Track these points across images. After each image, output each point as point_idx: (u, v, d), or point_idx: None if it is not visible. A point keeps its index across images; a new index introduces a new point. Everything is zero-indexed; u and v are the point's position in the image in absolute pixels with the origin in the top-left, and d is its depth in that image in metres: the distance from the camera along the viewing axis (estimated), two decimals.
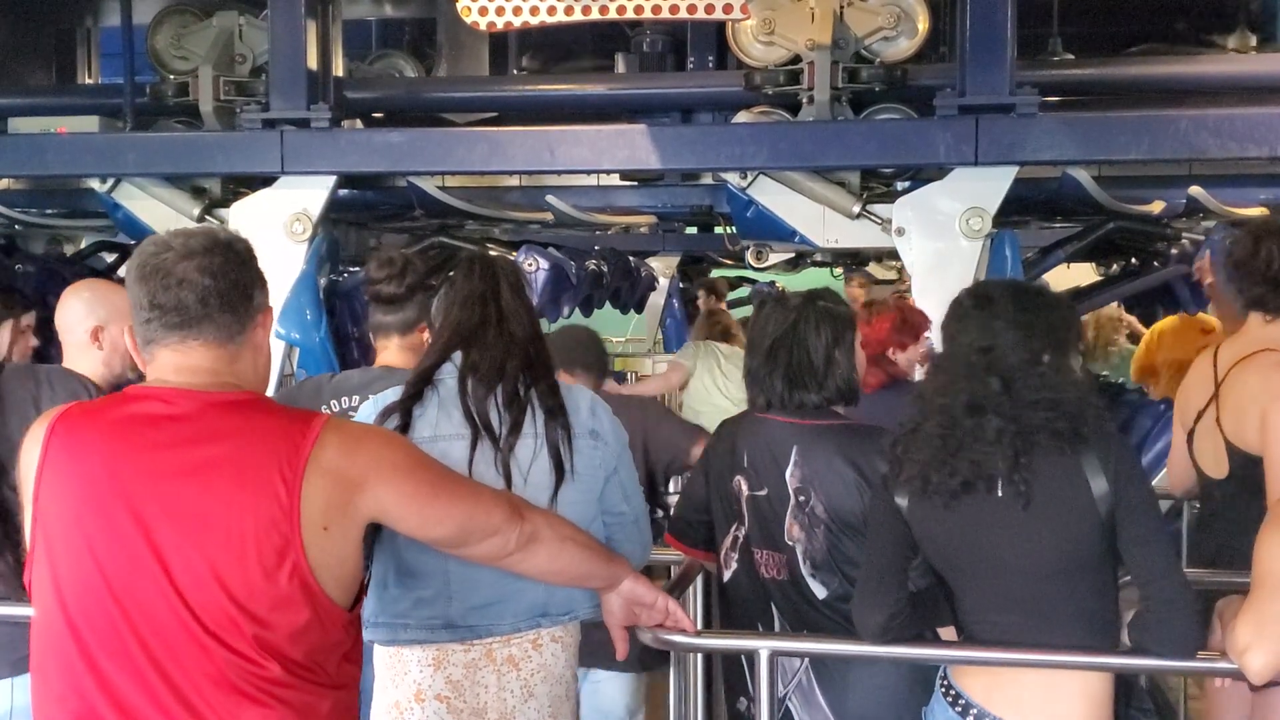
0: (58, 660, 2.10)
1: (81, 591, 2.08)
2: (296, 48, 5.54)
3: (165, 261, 2.15)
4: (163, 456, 2.08)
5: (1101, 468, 2.53)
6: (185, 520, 2.05)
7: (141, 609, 2.05)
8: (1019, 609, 2.60)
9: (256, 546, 2.04)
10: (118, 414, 2.15)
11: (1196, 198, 5.96)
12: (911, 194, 5.21)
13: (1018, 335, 2.64)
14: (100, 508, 2.07)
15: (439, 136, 5.82)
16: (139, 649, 2.05)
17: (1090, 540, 2.54)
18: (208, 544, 2.04)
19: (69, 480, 2.10)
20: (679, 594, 3.05)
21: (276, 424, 2.14)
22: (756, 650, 2.77)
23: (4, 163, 6.17)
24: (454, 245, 7.40)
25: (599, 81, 6.88)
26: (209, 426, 2.10)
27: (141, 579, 2.05)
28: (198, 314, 2.15)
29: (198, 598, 2.04)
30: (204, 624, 2.04)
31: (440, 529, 2.29)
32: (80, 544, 2.08)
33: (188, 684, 2.04)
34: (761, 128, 5.51)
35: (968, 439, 2.57)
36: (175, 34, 6.33)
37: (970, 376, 2.61)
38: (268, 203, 5.57)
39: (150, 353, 2.19)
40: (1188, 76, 6.09)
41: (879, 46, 5.46)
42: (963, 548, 2.65)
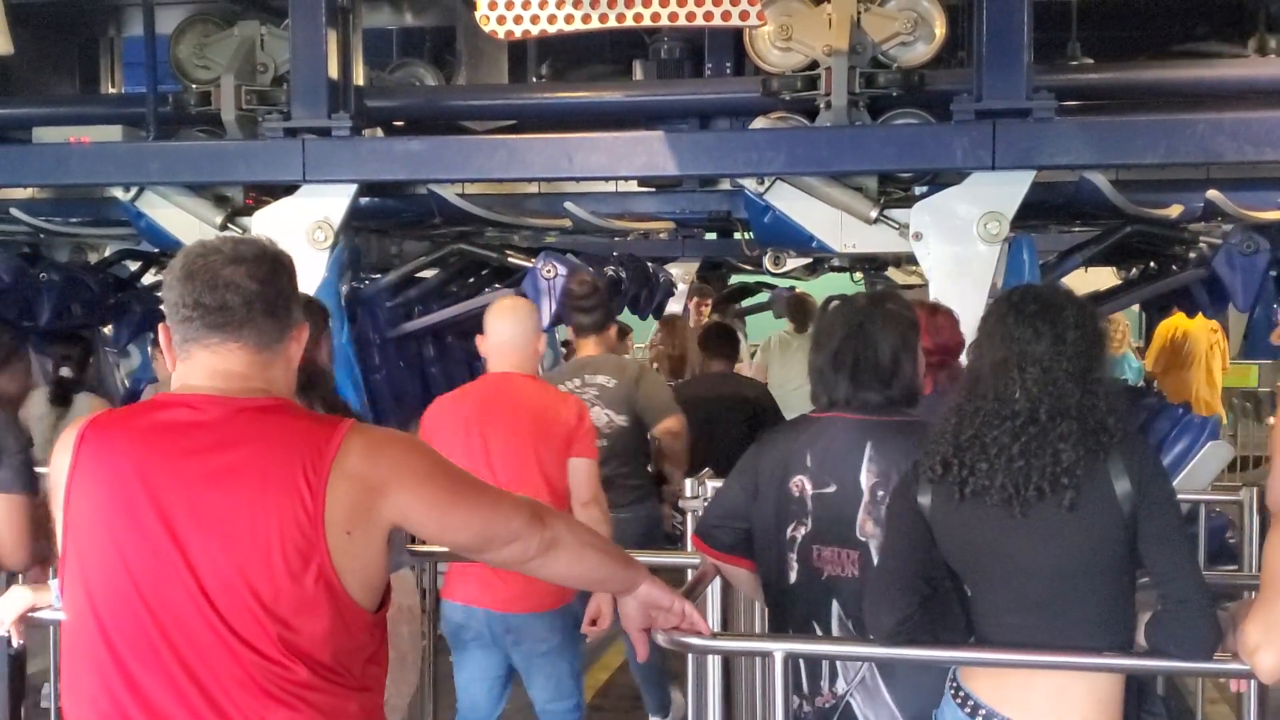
0: (88, 663, 2.12)
1: (111, 595, 2.10)
2: (318, 57, 5.59)
3: (213, 264, 2.18)
4: (191, 462, 2.10)
5: (1125, 468, 2.57)
6: (212, 525, 2.08)
7: (170, 613, 2.07)
8: (1036, 610, 2.63)
9: (282, 550, 2.07)
10: (147, 421, 2.17)
11: (1214, 201, 5.96)
12: (929, 199, 5.22)
13: (1086, 344, 2.68)
14: (130, 513, 2.10)
15: (459, 144, 5.86)
16: (168, 652, 2.07)
17: (1113, 541, 2.57)
18: (234, 548, 2.07)
19: (99, 486, 2.13)
20: (695, 597, 3.06)
21: (302, 429, 2.16)
22: (771, 652, 2.78)
23: (29, 172, 6.25)
24: (474, 252, 7.45)
25: (617, 89, 6.91)
26: (236, 432, 2.13)
27: (170, 583, 2.07)
28: (241, 317, 2.17)
29: (225, 601, 2.06)
30: (231, 627, 2.06)
31: (461, 535, 2.30)
32: (110, 549, 2.11)
33: (216, 686, 2.06)
34: (779, 133, 5.54)
35: (1043, 445, 2.60)
36: (197, 44, 6.39)
37: (1054, 384, 2.64)
38: (290, 211, 5.62)
39: (186, 351, 2.20)
40: (1205, 81, 6.10)
41: (896, 52, 5.48)
42: (985, 548, 2.68)
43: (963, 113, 5.06)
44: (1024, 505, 2.60)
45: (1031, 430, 2.62)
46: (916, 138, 5.29)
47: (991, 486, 2.63)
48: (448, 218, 6.70)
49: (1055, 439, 2.60)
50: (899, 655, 2.84)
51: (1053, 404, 2.63)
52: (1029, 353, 2.67)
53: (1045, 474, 2.59)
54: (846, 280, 11.12)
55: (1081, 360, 2.66)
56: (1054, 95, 5.07)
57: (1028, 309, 2.74)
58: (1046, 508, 2.60)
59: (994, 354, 2.73)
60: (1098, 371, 2.68)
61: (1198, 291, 6.74)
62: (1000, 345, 2.72)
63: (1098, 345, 2.71)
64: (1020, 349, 2.69)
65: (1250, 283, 5.95)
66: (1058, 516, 2.58)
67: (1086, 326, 2.70)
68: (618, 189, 6.84)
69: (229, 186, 5.98)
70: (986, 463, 2.64)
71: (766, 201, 5.48)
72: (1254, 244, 5.93)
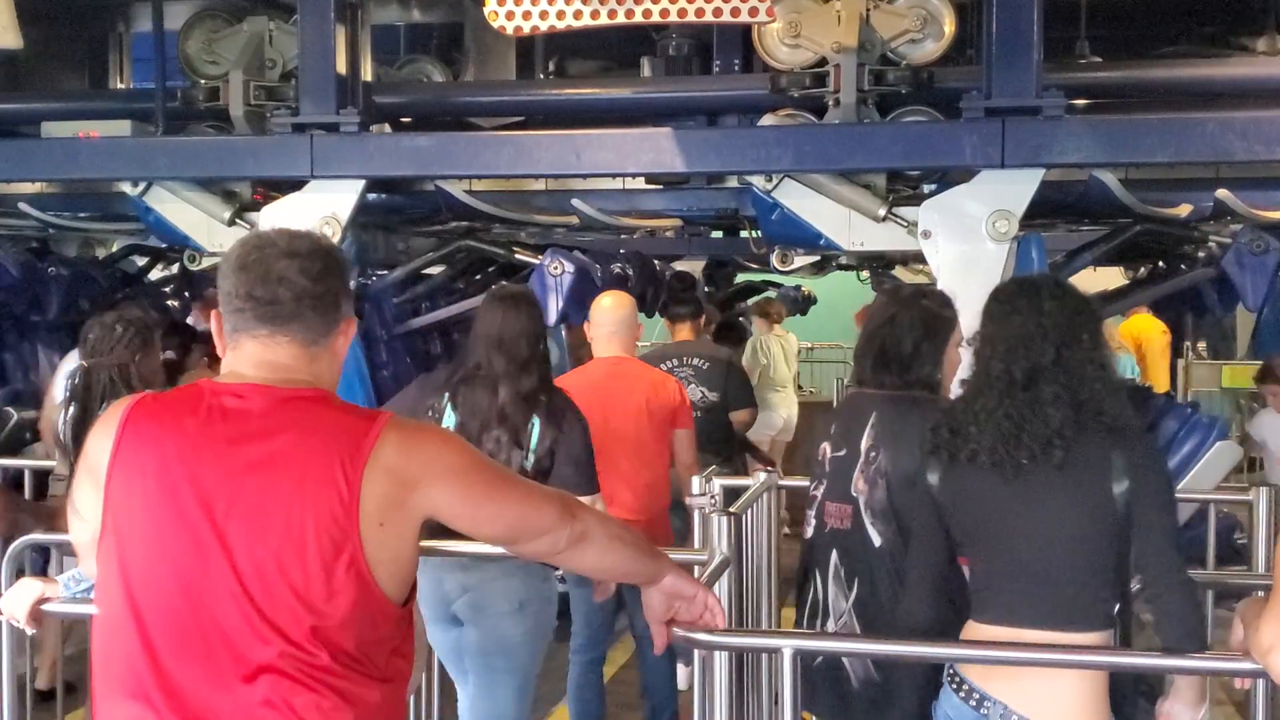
0: (120, 641, 2.17)
1: (147, 575, 2.15)
2: (326, 53, 5.59)
3: (267, 257, 2.24)
4: (232, 449, 2.15)
5: (1127, 467, 2.78)
6: (250, 511, 2.12)
7: (204, 594, 2.12)
8: (1029, 576, 2.83)
9: (316, 538, 2.11)
10: (191, 406, 2.21)
11: (1224, 201, 5.93)
12: (938, 197, 5.21)
13: (1063, 315, 2.90)
14: (170, 496, 2.14)
15: (466, 141, 5.86)
16: (197, 633, 2.12)
17: (1103, 519, 2.79)
18: (270, 534, 2.11)
19: (142, 469, 2.17)
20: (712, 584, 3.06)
21: (341, 420, 2.21)
22: (780, 649, 2.78)
23: (37, 166, 6.25)
24: (481, 249, 7.44)
25: (625, 85, 6.91)
26: (277, 421, 2.18)
27: (205, 565, 2.12)
28: (290, 311, 2.23)
29: (258, 586, 2.11)
30: (262, 612, 2.11)
31: (492, 528, 2.36)
32: (149, 530, 2.15)
33: (244, 669, 2.11)
34: (787, 130, 5.52)
35: (1026, 411, 2.83)
36: (206, 39, 6.39)
37: (1027, 349, 2.87)
38: (297, 206, 5.61)
39: (236, 340, 2.26)
40: (1215, 79, 6.08)
41: (905, 49, 5.46)
42: (983, 514, 2.91)
43: (972, 110, 5.04)
44: (1015, 469, 2.82)
45: (1020, 396, 2.84)
46: (925, 135, 5.27)
47: (981, 450, 2.86)
48: (455, 214, 6.69)
49: (1044, 403, 2.81)
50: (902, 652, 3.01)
51: (1029, 366, 2.85)
52: (1007, 326, 2.93)
53: (1036, 437, 2.80)
54: (855, 279, 11.11)
55: (1060, 332, 2.87)
56: (1064, 93, 5.05)
57: (1007, 291, 3.04)
58: (1038, 472, 2.81)
59: (981, 335, 3.01)
60: (1082, 344, 2.88)
61: (1207, 291, 6.73)
62: (986, 326, 3.00)
63: (1080, 318, 2.92)
64: (999, 325, 2.96)
65: (1260, 282, 5.93)
66: (1049, 481, 2.81)
67: (1064, 300, 2.94)
68: (625, 186, 6.83)
69: (237, 182, 5.97)
70: (976, 427, 2.88)
71: (774, 199, 5.45)
72: (1264, 243, 5.90)
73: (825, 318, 13.99)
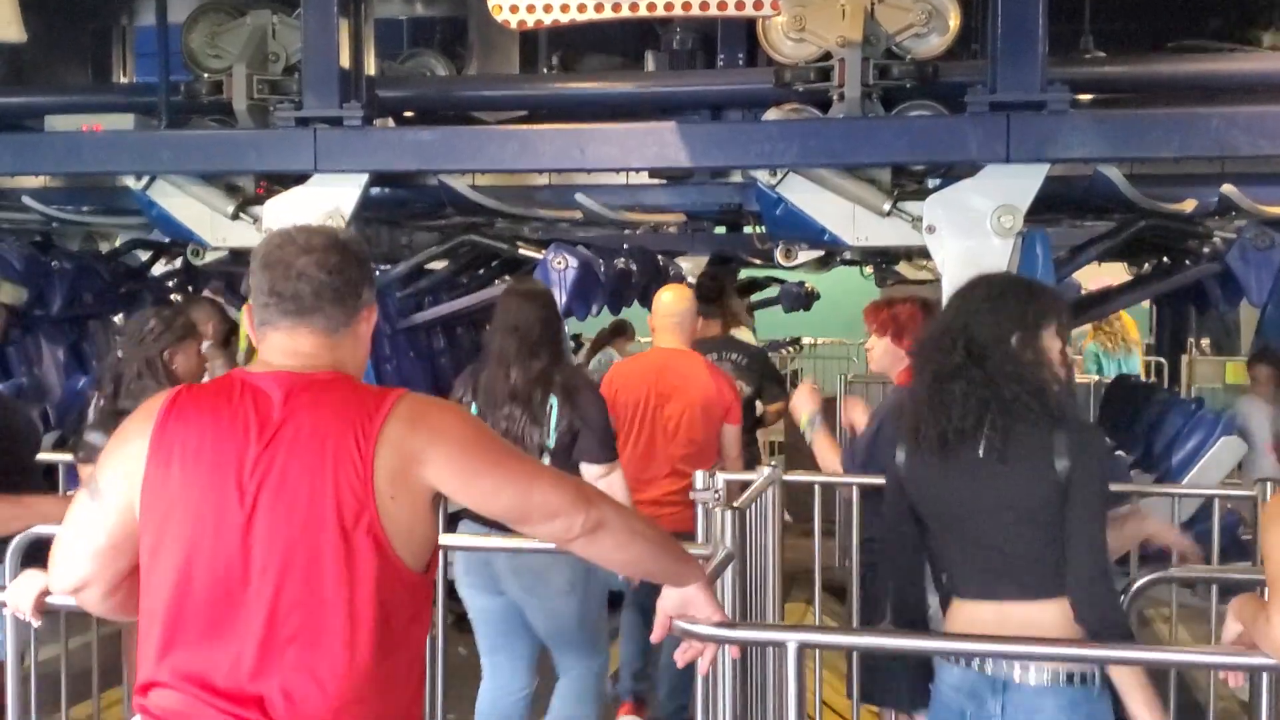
0: (165, 618, 2.30)
1: (188, 552, 2.28)
2: (329, 47, 5.58)
3: (287, 254, 2.39)
4: (260, 431, 2.30)
5: (1067, 446, 2.91)
6: (277, 486, 2.26)
7: (238, 567, 2.26)
8: (987, 550, 2.97)
9: (336, 509, 2.25)
10: (226, 394, 2.36)
11: (1229, 196, 5.93)
12: (942, 191, 5.20)
13: (991, 315, 3.05)
14: (207, 477, 2.28)
15: (470, 135, 5.85)
16: (233, 606, 2.26)
17: (1048, 500, 2.91)
18: (296, 507, 2.25)
19: (181, 454, 2.30)
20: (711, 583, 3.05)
21: (356, 398, 2.35)
22: (785, 643, 2.77)
23: (41, 160, 6.25)
24: (484, 244, 7.44)
25: (629, 79, 6.89)
26: (298, 401, 2.32)
27: (239, 540, 2.26)
28: (310, 305, 2.39)
29: (287, 557, 2.25)
30: (290, 582, 2.24)
31: (495, 503, 2.40)
32: (188, 511, 2.29)
33: (275, 637, 2.25)
34: (792, 125, 5.52)
35: (944, 401, 3.01)
36: (209, 33, 6.39)
37: (942, 350, 3.06)
38: (301, 200, 5.61)
39: (263, 333, 2.43)
40: (1220, 74, 6.07)
41: (910, 43, 5.45)
42: (944, 495, 3.05)
43: (977, 105, 5.04)
44: (956, 449, 2.98)
45: (958, 383, 3.00)
46: (930, 130, 5.26)
47: (929, 432, 3.03)
48: (458, 208, 6.69)
49: (955, 399, 2.99)
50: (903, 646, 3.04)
51: (963, 359, 3.01)
52: (953, 319, 3.12)
53: (968, 420, 2.97)
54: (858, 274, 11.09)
55: (1004, 326, 3.02)
56: (1068, 88, 5.04)
57: (964, 288, 3.18)
58: (983, 456, 2.96)
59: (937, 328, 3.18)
60: (1025, 341, 3.02)
61: (1211, 287, 6.72)
62: (941, 319, 3.19)
63: (1016, 320, 3.04)
64: (948, 318, 3.14)
65: (1264, 277, 5.93)
66: (993, 464, 2.95)
67: (1009, 298, 3.08)
68: (628, 181, 6.82)
69: (240, 176, 5.98)
70: (924, 409, 3.05)
71: (779, 194, 5.45)
72: (1268, 239, 5.90)
73: (828, 313, 13.97)
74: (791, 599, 5.96)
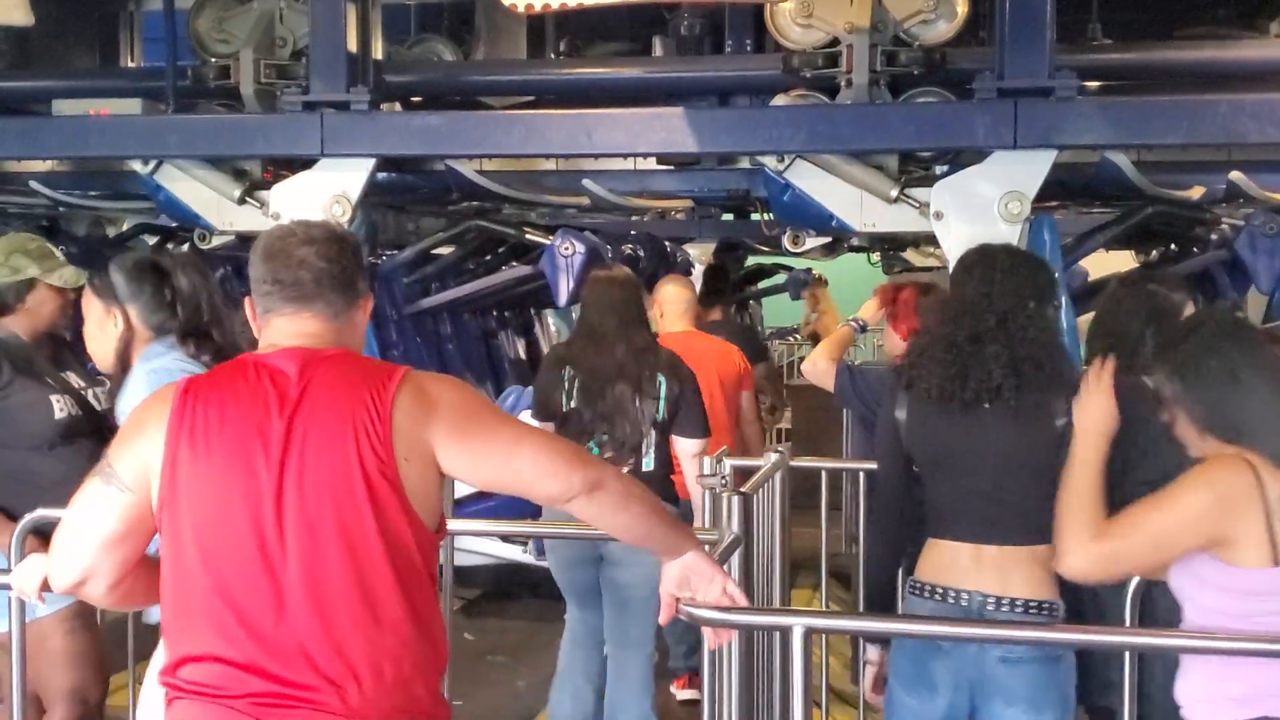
0: (198, 592, 2.39)
1: (217, 527, 2.38)
2: (336, 31, 5.57)
3: (289, 245, 2.54)
4: (280, 403, 2.41)
5: (1066, 400, 3.18)
6: (303, 455, 2.38)
7: (269, 536, 2.36)
8: (984, 498, 3.22)
9: (362, 474, 2.37)
10: (240, 373, 2.48)
11: (1236, 183, 5.91)
12: (950, 178, 5.20)
13: (1011, 284, 3.31)
14: (232, 452, 2.39)
15: (477, 120, 5.85)
16: (265, 574, 2.36)
17: (1047, 447, 3.17)
18: (322, 474, 2.37)
19: (204, 431, 2.40)
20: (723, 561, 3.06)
21: (367, 369, 2.49)
22: (790, 627, 2.78)
23: (48, 144, 6.25)
24: (491, 229, 7.44)
25: (636, 65, 6.88)
26: (315, 374, 2.44)
27: (269, 510, 2.36)
28: (312, 291, 2.52)
29: (315, 522, 2.36)
30: (322, 548, 2.36)
31: (488, 467, 2.50)
32: (216, 486, 2.38)
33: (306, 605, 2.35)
34: (799, 111, 5.50)
35: (972, 361, 3.25)
36: (217, 17, 6.37)
37: (974, 314, 3.30)
38: (308, 185, 5.62)
39: (266, 320, 2.56)
40: (1228, 61, 6.05)
41: (918, 30, 5.43)
42: (944, 445, 3.31)
43: (984, 91, 5.02)
44: (963, 406, 3.25)
45: (967, 349, 3.26)
46: (938, 116, 5.25)
47: (932, 389, 3.29)
48: (465, 194, 6.69)
49: (986, 359, 3.23)
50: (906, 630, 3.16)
51: (971, 331, 3.28)
52: (959, 292, 3.38)
53: (980, 384, 3.22)
54: (865, 260, 11.08)
55: (1008, 299, 3.29)
56: (1076, 75, 5.03)
57: (967, 260, 3.44)
58: (988, 409, 3.24)
59: (951, 295, 3.43)
60: (1027, 310, 3.29)
61: (1219, 274, 6.71)
62: (963, 288, 3.39)
63: (1028, 288, 3.33)
64: (956, 291, 3.40)
65: (1272, 265, 5.92)
66: (998, 417, 3.23)
67: (1013, 271, 3.34)
68: (635, 166, 6.82)
69: (247, 160, 5.97)
70: (928, 371, 3.31)
71: (786, 180, 5.44)
72: (1276, 226, 5.89)
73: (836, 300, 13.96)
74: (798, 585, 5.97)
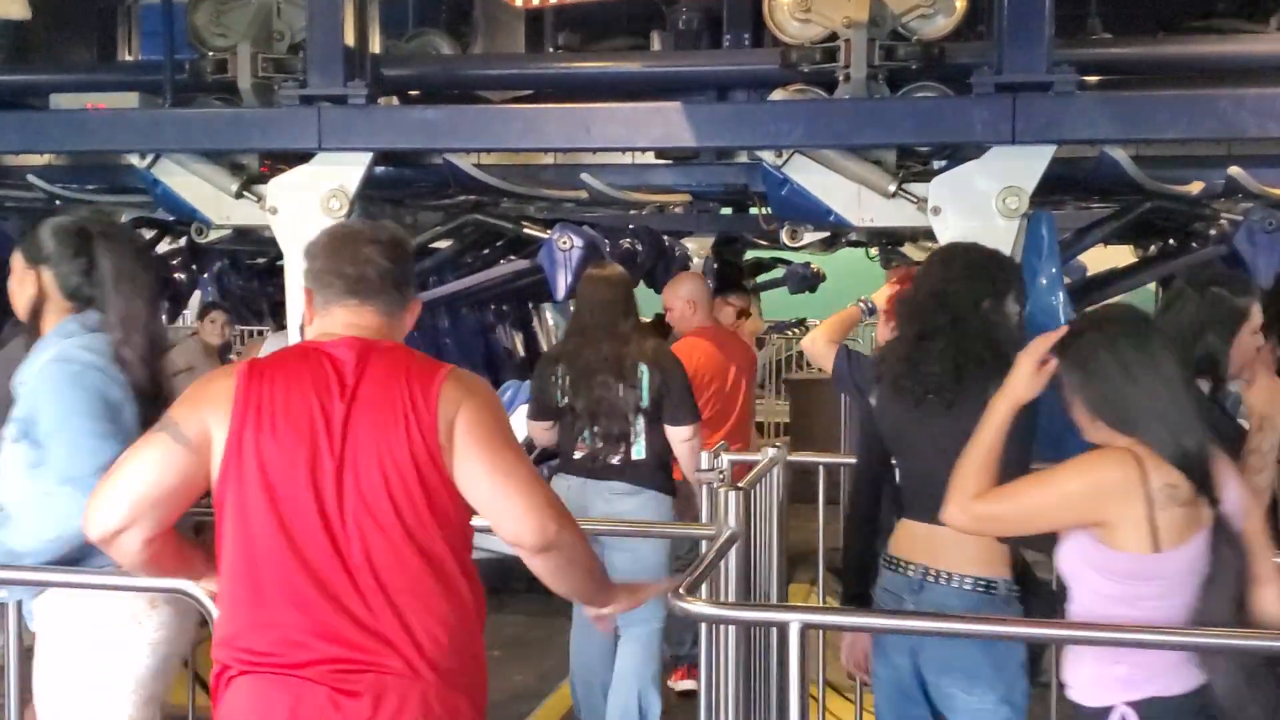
0: (273, 561, 2.56)
1: (289, 501, 2.55)
2: (334, 25, 5.56)
3: (356, 241, 2.75)
4: (341, 388, 2.61)
5: None
6: (362, 436, 2.58)
7: (334, 513, 2.55)
8: (931, 481, 3.33)
9: (413, 456, 2.57)
10: (302, 356, 2.67)
11: (1236, 178, 5.90)
12: (948, 173, 5.18)
13: (964, 283, 3.57)
14: (299, 429, 2.57)
15: (475, 114, 5.83)
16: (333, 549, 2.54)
17: None
18: (379, 454, 2.57)
19: (272, 412, 2.58)
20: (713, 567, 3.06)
21: (416, 362, 2.71)
22: (787, 623, 2.78)
23: (45, 138, 6.24)
24: (489, 223, 7.42)
25: (634, 59, 6.85)
26: (371, 363, 2.65)
27: (333, 486, 2.55)
28: (375, 287, 2.73)
29: (374, 501, 2.56)
30: (383, 524, 2.55)
31: (474, 490, 2.65)
32: (286, 460, 2.56)
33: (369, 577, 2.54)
34: (797, 105, 5.50)
35: (919, 358, 3.51)
36: (214, 11, 6.34)
37: (925, 313, 3.57)
38: (305, 179, 5.60)
39: (327, 309, 2.75)
40: (1228, 56, 6.03)
41: (916, 24, 5.42)
42: (901, 434, 3.62)
43: (983, 86, 5.01)
44: (916, 400, 3.51)
45: (920, 346, 3.54)
46: (936, 111, 5.25)
47: (892, 384, 3.58)
48: (463, 188, 6.67)
49: (933, 357, 3.49)
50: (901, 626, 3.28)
51: (921, 329, 3.56)
52: (934, 285, 3.62)
53: (929, 381, 3.48)
54: (864, 255, 11.09)
55: (960, 297, 3.54)
56: (1075, 69, 5.02)
57: (930, 259, 3.73)
58: (931, 404, 3.49)
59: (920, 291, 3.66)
60: (980, 309, 3.53)
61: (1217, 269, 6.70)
62: (924, 285, 3.65)
63: (985, 287, 3.57)
64: (932, 284, 3.63)
65: (1271, 260, 5.92)
66: (939, 413, 3.47)
67: (972, 272, 3.60)
68: (634, 161, 6.81)
69: (245, 154, 5.96)
70: (888, 366, 3.62)
71: (784, 174, 5.43)
72: (1276, 221, 5.88)
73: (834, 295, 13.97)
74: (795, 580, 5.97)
